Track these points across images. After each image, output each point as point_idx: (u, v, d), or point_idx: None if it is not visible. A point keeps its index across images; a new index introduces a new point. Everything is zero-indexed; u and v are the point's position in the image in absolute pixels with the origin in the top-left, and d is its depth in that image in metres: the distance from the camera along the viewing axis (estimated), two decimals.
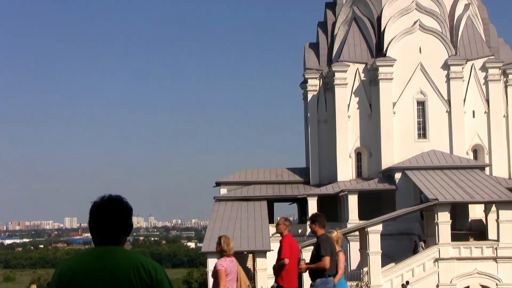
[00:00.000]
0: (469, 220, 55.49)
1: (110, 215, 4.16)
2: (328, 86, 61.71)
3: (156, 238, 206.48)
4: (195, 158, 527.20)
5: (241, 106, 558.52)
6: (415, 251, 52.06)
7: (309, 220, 13.61)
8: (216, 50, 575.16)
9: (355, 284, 49.59)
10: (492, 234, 50.44)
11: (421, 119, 59.28)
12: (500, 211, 49.02)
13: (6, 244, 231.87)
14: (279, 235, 13.97)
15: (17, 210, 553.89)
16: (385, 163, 57.68)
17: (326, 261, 11.67)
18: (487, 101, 58.88)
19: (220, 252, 11.69)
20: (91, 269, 4.05)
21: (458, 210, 53.87)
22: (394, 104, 58.16)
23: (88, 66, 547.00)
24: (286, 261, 12.94)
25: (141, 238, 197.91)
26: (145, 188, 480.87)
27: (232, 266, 11.85)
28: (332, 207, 59.03)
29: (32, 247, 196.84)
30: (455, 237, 49.26)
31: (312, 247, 38.84)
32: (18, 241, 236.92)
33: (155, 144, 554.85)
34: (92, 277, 4.04)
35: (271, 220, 59.62)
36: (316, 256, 11.90)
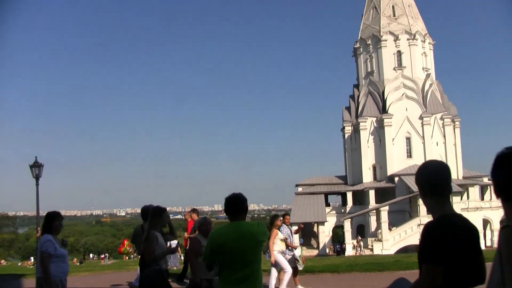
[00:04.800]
0: None
1: (237, 203, 5.05)
2: (356, 130, 67.79)
3: (263, 215, 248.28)
4: (288, 171, 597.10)
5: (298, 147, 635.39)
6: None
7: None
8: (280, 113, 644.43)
9: (374, 239, 54.63)
10: None
11: (408, 147, 64.95)
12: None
13: None
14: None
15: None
16: (389, 172, 63.48)
17: None
18: (444, 136, 65.09)
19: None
20: (231, 234, 4.89)
21: None
22: (393, 139, 64.53)
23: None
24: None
25: (256, 215, 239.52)
26: (258, 188, 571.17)
27: None
28: (361, 197, 65.51)
29: None
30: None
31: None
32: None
33: (263, 163, 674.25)
34: (232, 238, 4.86)
35: (327, 205, 65.45)
36: None
